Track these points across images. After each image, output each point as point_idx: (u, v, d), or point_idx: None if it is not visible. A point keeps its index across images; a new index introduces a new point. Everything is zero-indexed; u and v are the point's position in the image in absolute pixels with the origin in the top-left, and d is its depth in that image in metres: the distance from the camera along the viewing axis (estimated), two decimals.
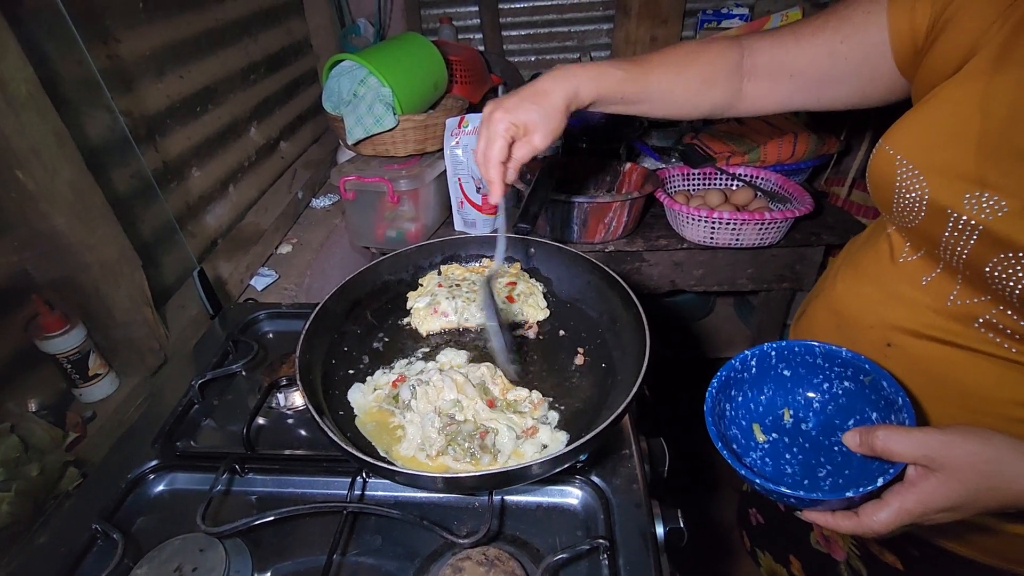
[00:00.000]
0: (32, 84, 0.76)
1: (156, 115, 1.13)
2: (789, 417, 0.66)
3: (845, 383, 0.63)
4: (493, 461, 0.64)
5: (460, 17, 2.18)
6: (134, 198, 1.04)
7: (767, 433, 0.66)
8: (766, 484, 0.54)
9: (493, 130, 0.67)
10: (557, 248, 0.88)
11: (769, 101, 0.77)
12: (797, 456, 0.64)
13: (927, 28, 0.60)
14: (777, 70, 0.73)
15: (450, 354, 0.80)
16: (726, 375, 0.64)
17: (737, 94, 0.76)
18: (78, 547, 0.64)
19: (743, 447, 0.65)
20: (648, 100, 0.74)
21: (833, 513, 0.55)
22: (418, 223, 1.42)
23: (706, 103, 0.76)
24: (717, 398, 0.64)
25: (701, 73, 0.74)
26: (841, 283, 0.76)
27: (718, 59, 0.74)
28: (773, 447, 0.65)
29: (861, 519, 0.53)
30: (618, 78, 0.71)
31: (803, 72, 0.72)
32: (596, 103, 0.72)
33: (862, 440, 0.53)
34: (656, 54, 0.75)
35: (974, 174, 0.54)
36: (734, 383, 0.66)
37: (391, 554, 0.65)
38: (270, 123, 1.59)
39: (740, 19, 2.07)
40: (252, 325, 1.00)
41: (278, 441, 0.80)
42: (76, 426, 0.84)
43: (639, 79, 0.72)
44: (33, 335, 0.83)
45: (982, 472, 0.49)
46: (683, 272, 1.53)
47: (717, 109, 0.77)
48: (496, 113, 0.67)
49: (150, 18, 1.11)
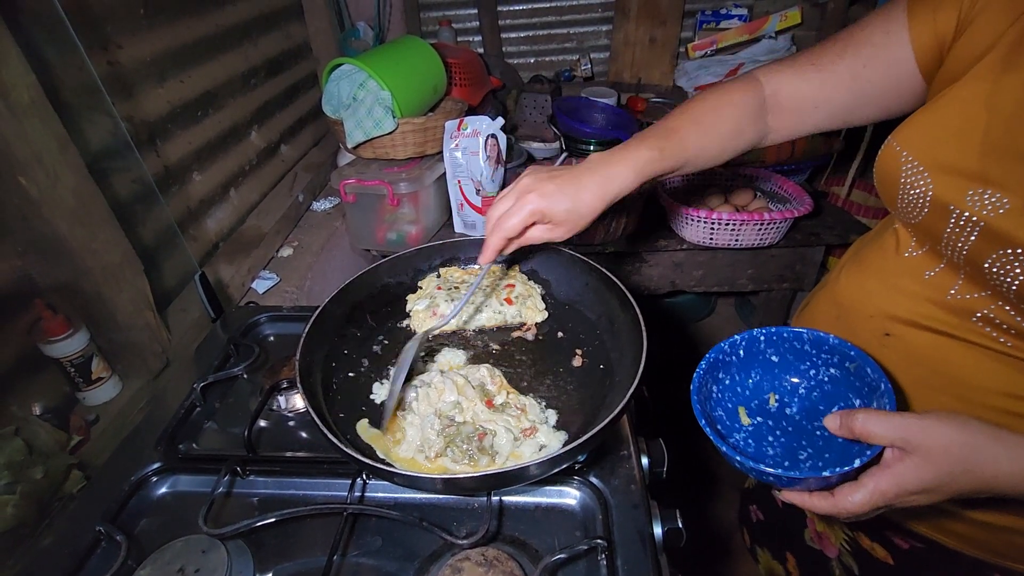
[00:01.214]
0: (34, 90, 0.77)
1: (157, 120, 1.14)
2: (774, 401, 0.68)
3: (831, 370, 0.64)
4: (491, 462, 0.64)
5: (459, 20, 2.19)
6: (136, 203, 1.05)
7: (752, 416, 0.67)
8: (746, 462, 0.55)
9: (519, 206, 0.66)
10: (555, 250, 0.89)
11: (796, 132, 0.77)
12: (780, 439, 0.65)
13: (952, 32, 0.61)
14: (801, 103, 0.73)
15: (449, 355, 0.81)
16: (714, 357, 0.66)
17: (764, 131, 0.77)
18: (82, 549, 0.65)
19: (727, 428, 0.66)
20: (684, 166, 0.74)
21: (811, 493, 0.56)
22: (418, 225, 1.43)
23: (738, 148, 0.77)
24: (704, 379, 0.65)
25: (729, 125, 0.74)
26: (845, 276, 0.77)
27: (742, 106, 0.74)
28: (757, 430, 0.66)
29: (836, 499, 0.54)
30: (654, 160, 0.70)
31: (829, 100, 0.72)
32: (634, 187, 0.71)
33: (842, 423, 0.54)
34: (681, 116, 0.74)
35: (977, 171, 0.55)
36: (722, 366, 0.67)
37: (391, 555, 0.65)
38: (271, 127, 1.60)
39: (739, 19, 2.08)
40: (253, 328, 1.01)
41: (279, 443, 0.80)
42: (80, 429, 0.85)
43: (675, 154, 0.71)
44: (36, 339, 0.84)
45: (956, 456, 0.50)
46: (683, 273, 1.53)
47: (747, 148, 0.78)
48: (531, 195, 0.66)
49: (151, 24, 1.12)
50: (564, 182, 0.67)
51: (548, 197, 0.66)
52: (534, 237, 0.70)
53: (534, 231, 0.69)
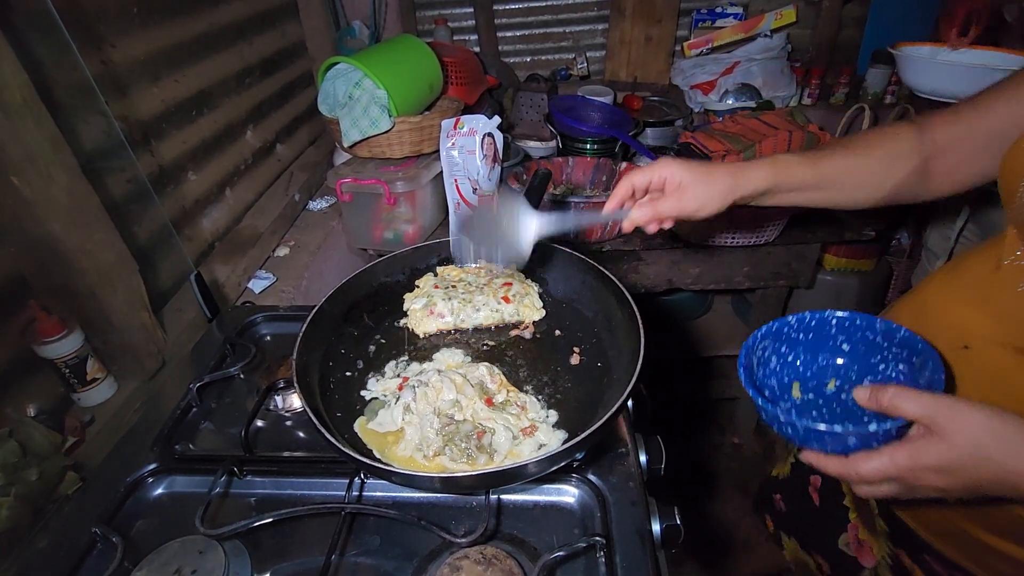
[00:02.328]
0: (27, 90, 0.76)
1: (151, 119, 1.13)
2: (833, 386, 0.68)
3: (900, 365, 0.63)
4: (489, 461, 0.64)
5: (455, 19, 2.19)
6: (130, 202, 1.04)
7: (804, 393, 0.67)
8: (766, 404, 0.56)
9: (650, 167, 0.71)
10: (552, 248, 0.89)
11: (962, 175, 0.74)
12: (824, 416, 0.65)
13: None
14: (963, 141, 0.71)
15: (447, 354, 0.81)
16: (778, 327, 0.67)
17: (924, 174, 0.74)
18: (77, 551, 0.64)
19: (774, 396, 0.67)
20: (828, 185, 0.75)
21: (827, 455, 0.56)
22: (415, 224, 1.42)
23: (890, 181, 0.75)
24: (762, 343, 0.66)
25: (882, 151, 0.74)
26: (935, 282, 0.75)
27: (893, 136, 0.74)
28: (804, 405, 0.66)
29: (850, 461, 0.53)
30: (792, 163, 0.72)
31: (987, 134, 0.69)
32: (769, 192, 0.73)
33: (872, 394, 0.53)
34: (833, 143, 0.76)
35: None
36: (788, 340, 0.68)
37: (389, 554, 0.65)
38: (266, 126, 1.59)
39: (734, 18, 2.08)
40: (249, 328, 1.00)
41: (276, 443, 0.80)
42: (75, 430, 0.84)
43: (815, 164, 0.73)
44: (31, 340, 0.83)
45: (980, 442, 0.49)
46: (680, 271, 1.53)
47: (903, 189, 0.76)
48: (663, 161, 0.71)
49: (144, 23, 1.11)
50: (698, 164, 0.71)
51: (678, 166, 0.71)
52: (662, 210, 0.71)
53: (662, 204, 0.71)
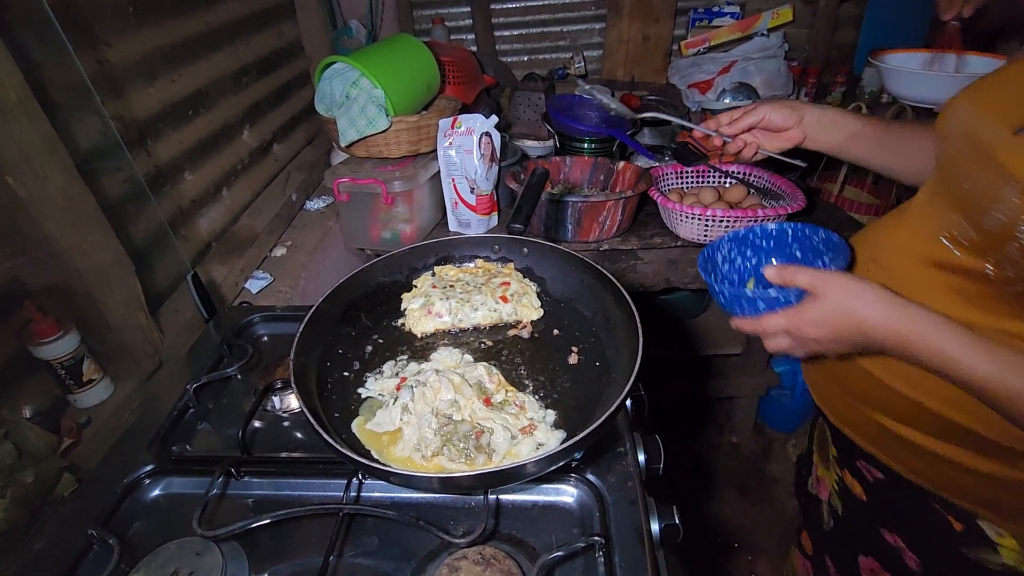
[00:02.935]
0: (22, 90, 0.76)
1: (148, 119, 1.13)
2: None
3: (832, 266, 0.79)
4: (488, 461, 0.64)
5: (452, 18, 2.19)
6: (126, 203, 1.04)
7: (758, 286, 0.83)
8: (710, 279, 0.76)
9: None
10: (551, 248, 0.88)
11: None
12: None
13: None
14: None
15: (445, 354, 0.80)
16: (744, 235, 0.84)
17: None
18: (74, 553, 0.64)
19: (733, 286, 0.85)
20: (894, 148, 0.84)
21: (745, 318, 0.74)
22: (413, 224, 1.42)
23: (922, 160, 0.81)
24: (728, 244, 0.84)
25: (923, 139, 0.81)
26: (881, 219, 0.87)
27: None
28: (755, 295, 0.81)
29: (758, 320, 0.72)
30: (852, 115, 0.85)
31: None
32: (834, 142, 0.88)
33: (777, 271, 0.70)
34: None
35: None
36: (751, 245, 0.85)
37: (387, 555, 0.65)
38: (263, 126, 1.59)
39: (731, 17, 2.08)
40: (247, 328, 1.00)
41: (274, 444, 0.80)
42: (71, 432, 0.84)
43: (878, 124, 0.85)
44: (26, 341, 0.83)
45: (844, 299, 0.64)
46: (678, 270, 1.53)
47: None
48: None
49: (140, 23, 1.11)
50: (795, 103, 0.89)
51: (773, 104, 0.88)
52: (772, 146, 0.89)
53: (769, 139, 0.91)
